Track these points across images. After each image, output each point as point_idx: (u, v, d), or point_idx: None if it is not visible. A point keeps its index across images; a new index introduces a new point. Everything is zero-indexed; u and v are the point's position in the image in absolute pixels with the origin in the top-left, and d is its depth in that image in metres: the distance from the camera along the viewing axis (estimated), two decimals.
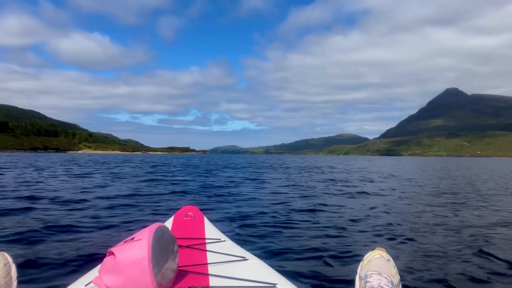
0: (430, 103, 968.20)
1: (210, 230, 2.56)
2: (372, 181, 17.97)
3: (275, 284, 1.72)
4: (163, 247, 1.63)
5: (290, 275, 3.45)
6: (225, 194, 11.32)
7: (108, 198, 9.89)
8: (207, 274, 1.79)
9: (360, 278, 1.59)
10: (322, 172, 26.56)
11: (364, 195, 11.77)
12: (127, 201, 9.40)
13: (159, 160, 64.62)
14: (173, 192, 11.76)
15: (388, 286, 1.49)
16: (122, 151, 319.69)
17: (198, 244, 2.22)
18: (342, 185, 15.42)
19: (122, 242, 1.60)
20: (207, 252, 2.11)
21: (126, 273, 1.51)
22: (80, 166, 31.38)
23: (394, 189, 13.92)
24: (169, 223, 2.59)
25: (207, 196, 10.82)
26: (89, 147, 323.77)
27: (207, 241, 2.30)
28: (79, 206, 8.36)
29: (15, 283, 1.71)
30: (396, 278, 1.57)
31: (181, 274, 1.76)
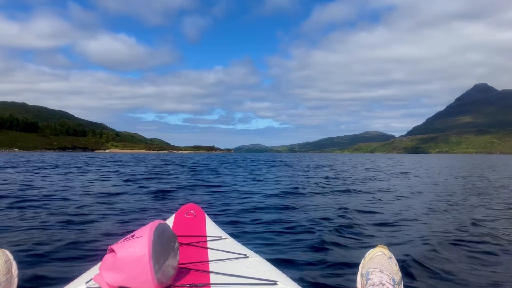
0: (458, 99, 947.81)
1: (211, 228, 2.57)
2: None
3: (276, 281, 1.70)
4: (163, 244, 1.62)
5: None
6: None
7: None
8: (208, 272, 1.78)
9: (362, 275, 1.58)
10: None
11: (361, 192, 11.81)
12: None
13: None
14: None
15: (389, 284, 1.48)
16: (148, 150, 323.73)
17: (199, 242, 2.22)
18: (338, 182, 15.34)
19: (123, 239, 1.59)
20: (208, 250, 2.12)
21: (126, 270, 1.50)
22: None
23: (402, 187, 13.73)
24: (170, 221, 2.61)
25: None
26: (116, 147, 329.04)
27: (208, 238, 2.31)
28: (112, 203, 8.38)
29: (16, 280, 1.71)
30: (398, 276, 1.56)
31: (182, 271, 1.76)
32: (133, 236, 1.58)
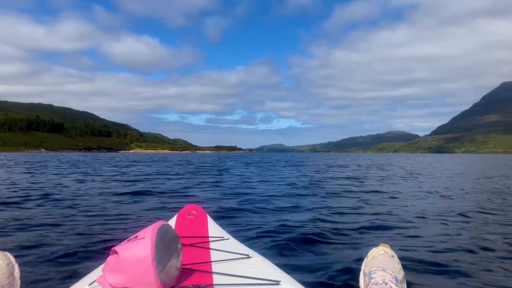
0: (484, 98, 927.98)
1: (214, 228, 2.56)
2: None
3: (279, 281, 1.70)
4: (166, 246, 1.62)
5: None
6: None
7: None
8: (211, 272, 1.79)
9: (365, 274, 1.58)
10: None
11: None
12: None
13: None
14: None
15: (392, 282, 1.48)
16: (171, 150, 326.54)
17: (202, 242, 2.22)
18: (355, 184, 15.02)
19: (126, 240, 1.60)
20: (211, 250, 2.10)
21: (129, 271, 1.51)
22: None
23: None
24: (172, 222, 2.60)
25: None
26: (140, 147, 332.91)
27: (210, 239, 2.30)
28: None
29: (18, 282, 1.71)
30: (401, 274, 1.56)
31: (184, 272, 1.76)
32: (136, 237, 1.59)
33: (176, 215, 2.74)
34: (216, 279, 1.71)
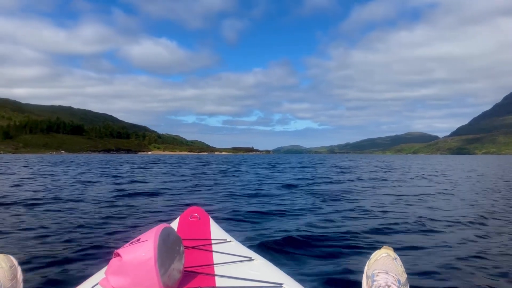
0: (506, 98, 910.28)
1: (216, 231, 2.55)
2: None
3: (282, 284, 1.70)
4: (169, 248, 1.63)
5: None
6: None
7: None
8: (213, 275, 1.79)
9: (367, 277, 1.58)
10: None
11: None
12: None
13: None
14: None
15: (395, 285, 1.48)
16: (189, 151, 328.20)
17: (204, 245, 2.23)
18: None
19: (128, 243, 1.61)
20: (213, 253, 2.11)
21: (132, 274, 1.51)
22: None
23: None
24: (174, 224, 2.60)
25: None
26: (158, 148, 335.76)
27: (213, 241, 2.30)
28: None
29: (21, 285, 1.72)
30: (403, 277, 1.56)
31: (187, 274, 1.77)
32: (138, 240, 1.59)
33: (179, 217, 2.74)
34: (219, 282, 1.72)
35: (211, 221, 2.73)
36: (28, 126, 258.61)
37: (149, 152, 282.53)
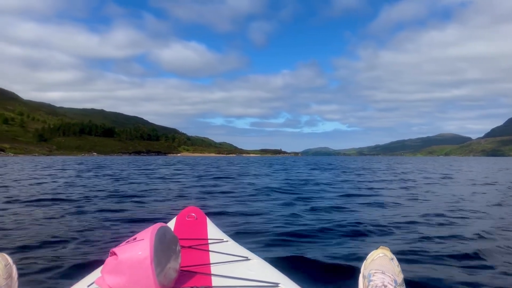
0: None
1: (213, 231, 2.56)
2: None
3: (278, 283, 1.70)
4: (165, 247, 1.63)
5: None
6: None
7: None
8: (210, 274, 1.79)
9: (364, 277, 1.58)
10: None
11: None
12: None
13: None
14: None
15: (391, 285, 1.48)
16: (217, 153, 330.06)
17: (201, 245, 2.23)
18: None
19: (124, 242, 1.60)
20: (210, 252, 2.10)
21: (128, 273, 1.51)
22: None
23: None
24: (171, 224, 2.60)
25: None
26: (187, 150, 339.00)
27: (209, 241, 2.30)
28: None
29: (16, 284, 1.71)
30: (400, 277, 1.55)
31: (183, 274, 1.76)
32: (134, 239, 1.59)
33: (176, 217, 2.73)
34: (215, 281, 1.71)
35: (208, 221, 2.71)
36: (61, 129, 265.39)
37: (179, 154, 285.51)
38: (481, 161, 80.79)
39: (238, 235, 5.26)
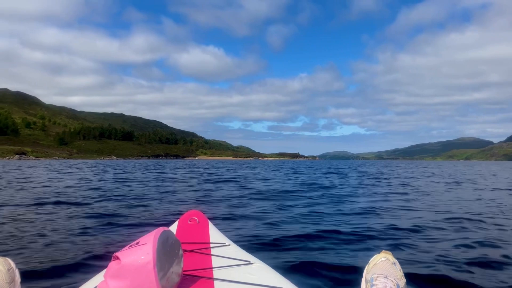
0: None
1: (215, 235, 2.55)
2: None
3: (280, 287, 1.71)
4: (168, 252, 1.63)
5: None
6: None
7: None
8: (212, 278, 1.79)
9: (366, 281, 1.57)
10: None
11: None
12: None
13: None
14: None
15: None
16: (235, 157, 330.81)
17: (203, 249, 2.22)
18: None
19: (127, 246, 1.60)
20: (212, 256, 2.09)
21: (131, 277, 1.51)
22: None
23: None
24: (173, 228, 2.61)
25: None
26: (205, 154, 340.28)
27: (211, 245, 2.29)
28: None
29: None
30: (402, 281, 1.55)
31: (186, 278, 1.76)
32: (137, 243, 1.59)
33: (178, 221, 2.74)
34: (217, 286, 1.71)
35: (210, 225, 2.71)
36: (81, 133, 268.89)
37: (197, 158, 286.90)
38: (504, 166, 79.25)
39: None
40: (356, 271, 3.72)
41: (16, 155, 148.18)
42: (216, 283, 1.73)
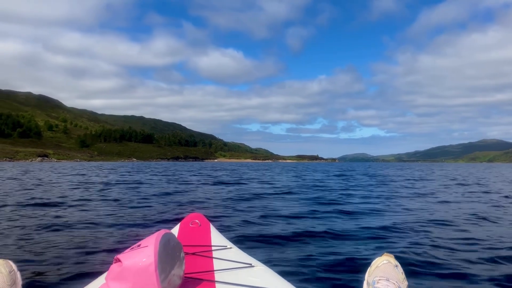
0: None
1: (216, 237, 2.55)
2: None
3: None
4: (169, 254, 1.63)
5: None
6: None
7: None
8: (214, 281, 1.79)
9: (368, 284, 1.57)
10: None
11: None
12: None
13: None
14: None
15: None
16: (254, 159, 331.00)
17: (205, 251, 2.22)
18: None
19: (129, 249, 1.61)
20: (214, 259, 2.09)
21: (132, 280, 1.51)
22: None
23: None
24: (175, 230, 2.61)
25: None
26: (224, 156, 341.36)
27: (213, 248, 2.29)
28: None
29: None
30: (404, 284, 1.55)
31: (187, 281, 1.76)
32: (139, 245, 1.60)
33: (179, 223, 2.74)
34: None
35: (212, 228, 2.71)
36: (102, 135, 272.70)
37: (216, 160, 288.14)
38: None
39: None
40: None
41: (39, 157, 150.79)
42: (217, 286, 1.73)
